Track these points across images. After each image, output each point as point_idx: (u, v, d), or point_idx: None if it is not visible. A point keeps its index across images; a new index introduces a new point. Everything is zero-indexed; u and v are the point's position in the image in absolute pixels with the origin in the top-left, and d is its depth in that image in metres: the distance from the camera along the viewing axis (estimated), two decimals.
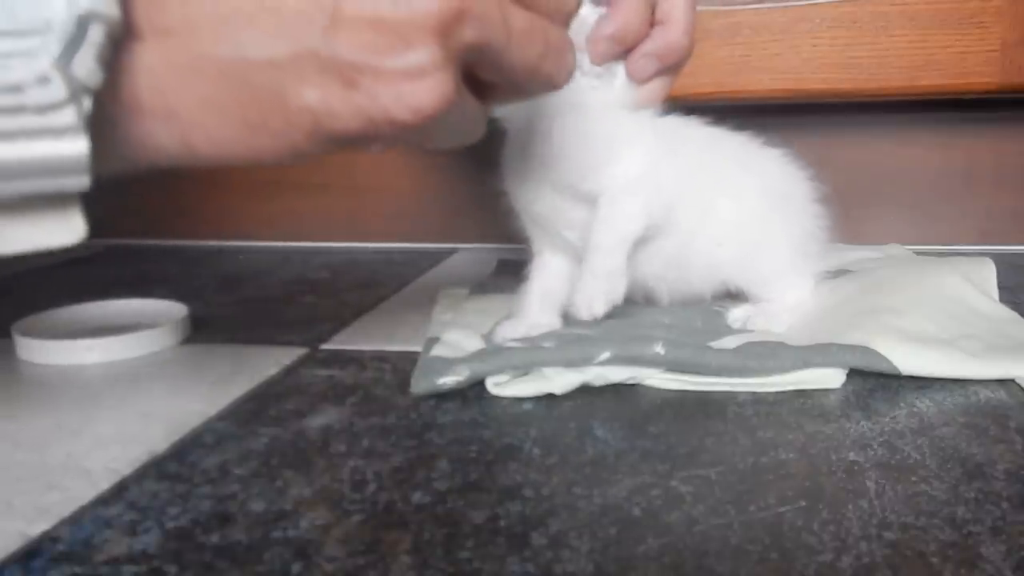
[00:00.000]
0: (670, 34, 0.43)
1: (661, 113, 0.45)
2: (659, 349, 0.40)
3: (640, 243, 0.43)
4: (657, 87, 0.45)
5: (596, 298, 0.42)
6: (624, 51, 0.43)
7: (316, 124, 0.26)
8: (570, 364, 0.40)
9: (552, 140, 0.42)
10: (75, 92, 0.22)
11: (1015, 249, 0.71)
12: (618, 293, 0.42)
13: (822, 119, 0.73)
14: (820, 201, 0.48)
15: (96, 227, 0.24)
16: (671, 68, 0.44)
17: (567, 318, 0.45)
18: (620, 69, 0.43)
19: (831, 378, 0.40)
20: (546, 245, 0.47)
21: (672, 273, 0.46)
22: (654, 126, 0.44)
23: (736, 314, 0.47)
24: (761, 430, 0.35)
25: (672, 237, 0.44)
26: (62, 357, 0.47)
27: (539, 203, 0.44)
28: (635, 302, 0.49)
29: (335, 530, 0.28)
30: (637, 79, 0.44)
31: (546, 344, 0.41)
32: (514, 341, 0.43)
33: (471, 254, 0.78)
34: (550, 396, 0.39)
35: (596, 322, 0.45)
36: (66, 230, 0.25)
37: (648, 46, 0.43)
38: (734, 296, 0.48)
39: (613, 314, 0.47)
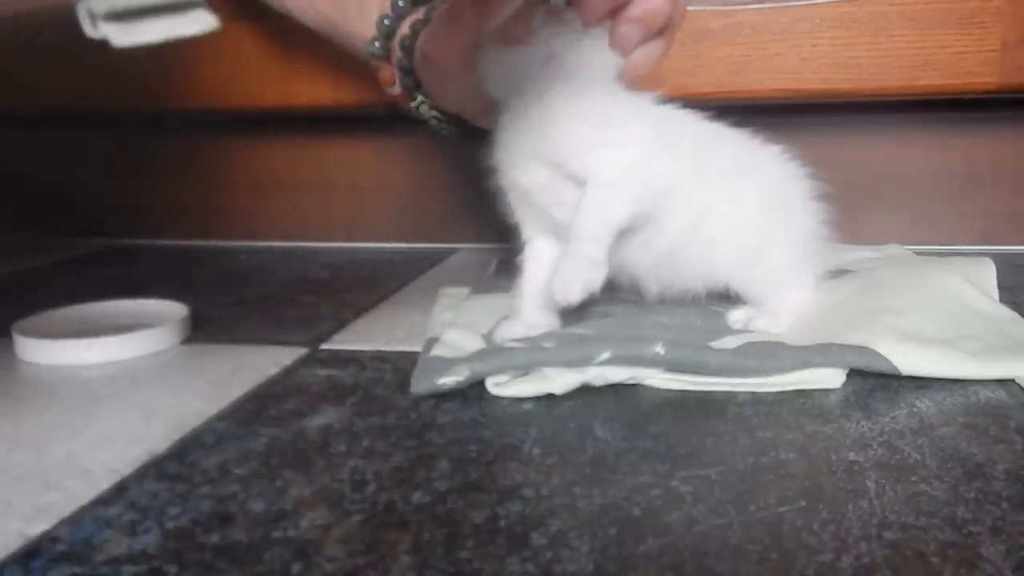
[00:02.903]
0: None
1: (660, 101, 0.44)
2: (659, 349, 0.40)
3: (628, 232, 0.42)
4: (646, 54, 0.44)
5: (572, 284, 0.40)
6: (616, 9, 0.42)
7: None
8: (570, 364, 0.40)
9: (546, 112, 0.41)
10: None
11: (1015, 249, 0.71)
12: (596, 281, 0.40)
13: (822, 119, 0.73)
14: (820, 199, 0.47)
15: (96, 227, 0.25)
16: (659, 33, 0.43)
17: (563, 314, 0.45)
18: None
19: (831, 378, 0.40)
20: (536, 230, 0.46)
21: (665, 269, 0.46)
22: (652, 114, 0.43)
23: (736, 315, 0.46)
24: (761, 430, 0.35)
25: (664, 233, 0.44)
26: (62, 357, 0.47)
27: (528, 177, 0.43)
28: (635, 302, 0.48)
29: (335, 530, 0.28)
30: (622, 48, 0.42)
31: (546, 344, 0.41)
32: (514, 341, 0.43)
33: (471, 254, 0.78)
34: (550, 396, 0.39)
35: (595, 322, 0.45)
36: (196, 22, 0.24)
37: (629, 11, 0.42)
38: (733, 298, 0.48)
39: (613, 314, 0.47)
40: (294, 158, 0.85)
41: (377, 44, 0.51)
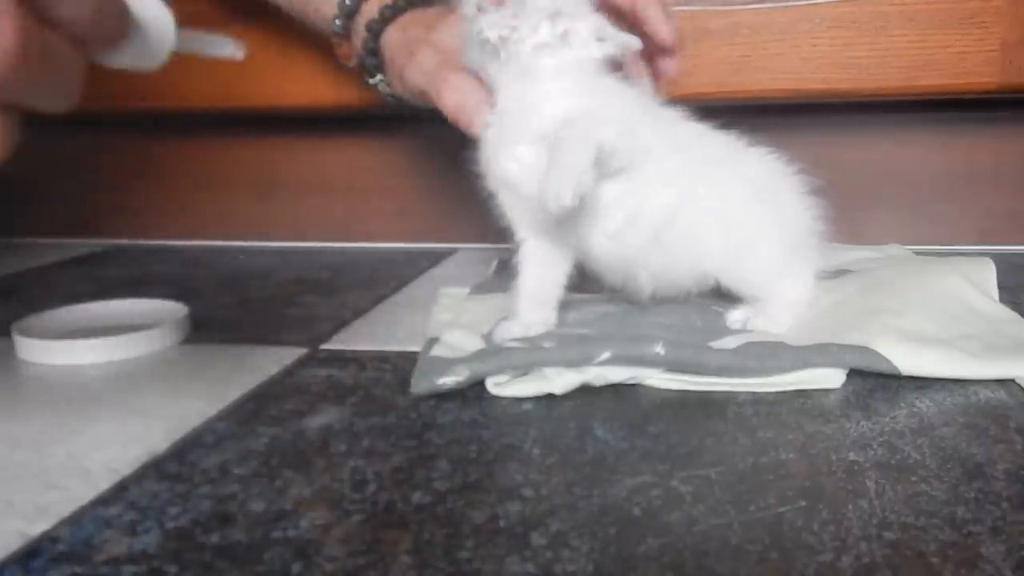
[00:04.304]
0: (655, 28, 0.49)
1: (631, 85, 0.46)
2: (659, 349, 0.40)
3: (609, 177, 0.42)
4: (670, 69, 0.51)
5: (564, 188, 0.38)
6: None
7: None
8: (570, 364, 0.40)
9: (530, 93, 0.43)
10: None
11: (1015, 249, 0.71)
12: (585, 185, 0.39)
13: (822, 119, 0.73)
14: (812, 194, 0.47)
15: (96, 227, 0.24)
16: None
17: (562, 314, 0.46)
18: (578, 31, 0.43)
19: (831, 378, 0.40)
20: (529, 230, 0.46)
21: (653, 256, 0.45)
22: (629, 92, 0.45)
23: (736, 315, 0.46)
24: (761, 430, 0.35)
25: (647, 213, 0.43)
26: (62, 357, 0.47)
27: (516, 163, 0.43)
28: (635, 302, 0.48)
29: (335, 530, 0.28)
30: (667, 79, 0.50)
31: (546, 344, 0.41)
32: (514, 341, 0.43)
33: (471, 254, 0.78)
34: (550, 396, 0.39)
35: (595, 321, 0.45)
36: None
37: (662, 39, 0.49)
38: (732, 298, 0.48)
39: (613, 314, 0.47)
40: (293, 158, 0.85)
41: (338, 23, 0.55)
